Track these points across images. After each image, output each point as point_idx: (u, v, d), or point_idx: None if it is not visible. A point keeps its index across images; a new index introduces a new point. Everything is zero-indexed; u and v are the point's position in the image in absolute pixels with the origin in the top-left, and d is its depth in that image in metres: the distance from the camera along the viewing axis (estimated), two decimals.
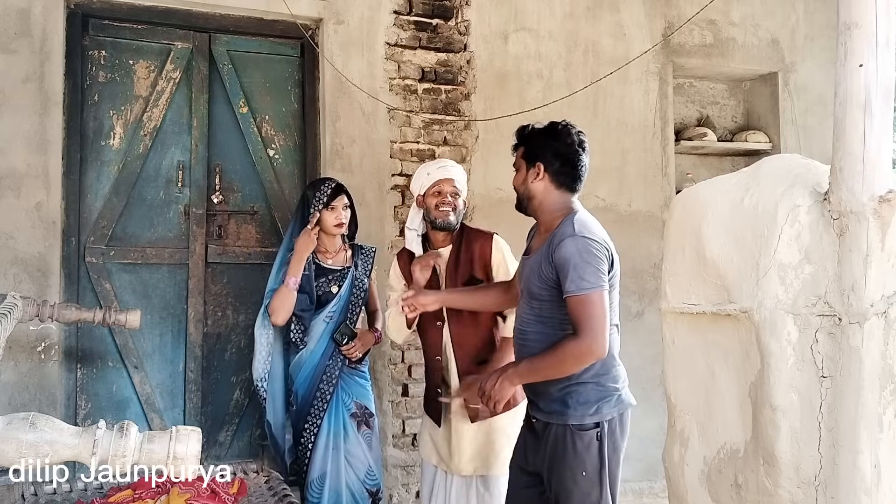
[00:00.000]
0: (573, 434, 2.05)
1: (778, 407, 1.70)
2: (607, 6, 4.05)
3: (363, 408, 2.83)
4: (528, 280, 2.14)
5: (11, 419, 1.16)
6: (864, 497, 1.60)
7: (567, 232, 2.04)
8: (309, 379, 2.79)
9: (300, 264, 2.73)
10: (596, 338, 1.97)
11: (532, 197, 2.19)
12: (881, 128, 1.63)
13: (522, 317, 2.19)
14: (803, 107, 4.39)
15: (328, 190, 2.79)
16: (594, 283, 1.99)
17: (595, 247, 2.04)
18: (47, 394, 3.05)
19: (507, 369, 2.11)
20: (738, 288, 1.81)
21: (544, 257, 2.08)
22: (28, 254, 3.03)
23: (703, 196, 1.99)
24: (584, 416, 2.06)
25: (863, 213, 1.62)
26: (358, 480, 2.78)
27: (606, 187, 3.99)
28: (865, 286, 1.61)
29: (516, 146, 2.25)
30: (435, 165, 2.70)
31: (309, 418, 2.76)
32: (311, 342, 2.79)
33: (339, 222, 2.80)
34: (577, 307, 1.99)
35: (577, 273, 1.98)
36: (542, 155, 2.16)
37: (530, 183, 2.17)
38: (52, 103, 3.09)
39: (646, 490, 3.96)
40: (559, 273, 2.01)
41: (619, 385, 2.15)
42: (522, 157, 2.21)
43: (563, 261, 2.00)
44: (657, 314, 2.23)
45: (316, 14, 3.51)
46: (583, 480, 2.05)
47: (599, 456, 2.06)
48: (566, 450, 2.06)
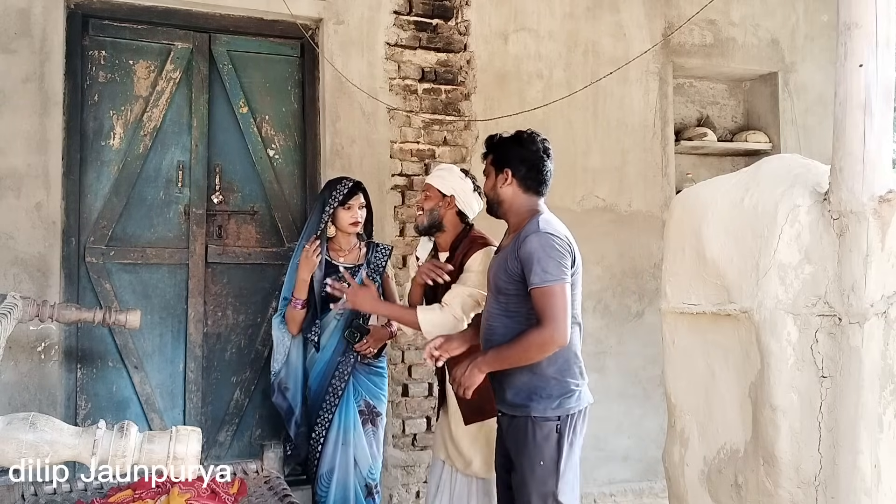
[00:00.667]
0: (534, 425, 2.17)
1: (778, 407, 1.70)
2: (607, 6, 4.05)
3: (371, 407, 2.87)
4: (496, 276, 2.26)
5: (11, 419, 1.16)
6: (864, 497, 1.60)
7: (532, 229, 2.18)
8: (321, 375, 2.85)
9: (303, 285, 2.78)
10: (558, 327, 2.08)
11: (502, 201, 2.34)
12: (881, 128, 1.63)
13: (490, 311, 2.30)
14: (803, 107, 4.39)
15: (344, 189, 2.82)
16: (557, 276, 2.10)
17: (558, 243, 2.15)
18: (47, 394, 3.05)
19: (477, 358, 2.20)
20: (738, 288, 1.81)
21: (510, 253, 2.20)
22: (28, 254, 3.03)
23: (703, 196, 1.99)
24: (546, 410, 2.17)
25: (863, 213, 1.62)
26: (360, 474, 2.83)
27: (606, 187, 3.99)
28: (865, 286, 1.61)
29: (486, 154, 2.41)
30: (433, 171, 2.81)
31: (321, 413, 2.82)
32: (324, 338, 2.84)
33: (354, 221, 2.82)
34: (541, 298, 2.10)
35: (540, 266, 2.10)
36: (510, 161, 2.31)
37: (500, 188, 2.32)
38: (52, 103, 3.09)
39: (646, 490, 3.96)
40: (524, 267, 2.13)
41: (578, 381, 2.24)
42: (491, 163, 2.37)
43: (528, 255, 2.12)
44: (657, 314, 2.24)
45: (316, 14, 3.51)
46: (540, 470, 2.15)
47: (557, 447, 2.16)
48: (526, 440, 2.17)
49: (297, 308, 2.80)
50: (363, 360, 2.86)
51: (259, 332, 3.48)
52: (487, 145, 2.40)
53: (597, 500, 3.84)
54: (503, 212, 2.35)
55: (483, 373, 2.20)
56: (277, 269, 3.51)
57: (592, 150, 3.98)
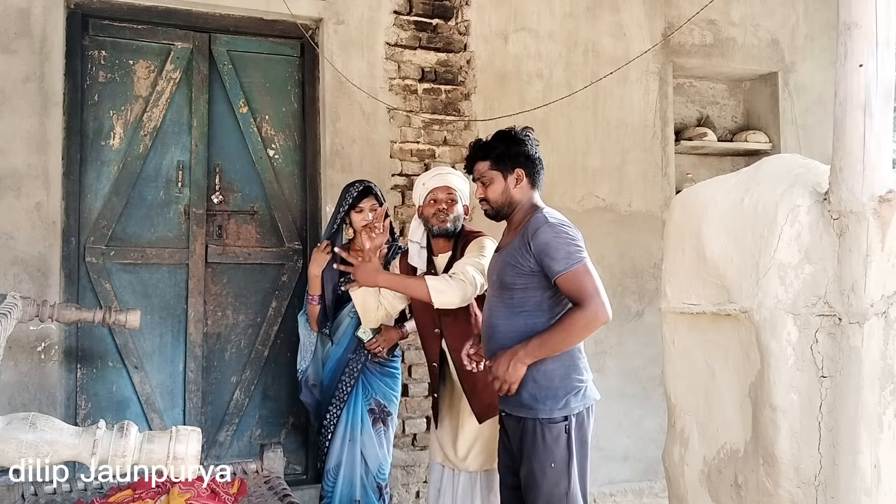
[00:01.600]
0: (543, 427, 2.13)
1: (778, 407, 1.70)
2: (607, 6, 4.05)
3: (382, 406, 2.90)
4: (501, 272, 2.21)
5: (11, 419, 1.16)
6: (864, 497, 1.60)
7: (540, 221, 2.14)
8: (332, 372, 2.90)
9: (315, 281, 2.86)
10: (600, 302, 2.06)
11: (513, 202, 2.27)
12: (881, 128, 1.63)
13: (491, 310, 2.26)
14: (803, 107, 4.39)
15: (354, 192, 2.86)
16: (578, 258, 2.09)
17: (568, 230, 2.15)
18: (47, 394, 3.05)
19: (517, 351, 2.11)
20: (738, 288, 1.81)
21: (518, 249, 2.16)
22: (28, 254, 3.03)
23: (703, 196, 1.99)
24: (553, 411, 2.13)
25: (863, 213, 1.62)
26: (370, 473, 2.85)
27: (606, 187, 3.99)
28: (865, 286, 1.61)
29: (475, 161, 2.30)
30: (430, 174, 2.67)
31: (330, 408, 2.86)
32: (337, 335, 2.90)
33: (366, 223, 2.81)
34: (572, 281, 2.08)
35: (559, 253, 2.08)
36: (518, 160, 2.25)
37: (512, 189, 2.26)
38: (52, 103, 3.09)
39: (646, 490, 3.96)
40: (541, 259, 2.10)
41: (584, 378, 2.21)
42: (494, 168, 2.26)
43: (544, 245, 2.09)
44: (657, 314, 2.24)
45: (316, 14, 3.51)
46: (551, 472, 2.12)
47: (567, 448, 2.13)
48: (535, 443, 2.13)
49: (313, 304, 2.88)
50: (374, 360, 2.88)
51: (259, 332, 3.48)
52: (481, 151, 2.30)
53: (597, 500, 3.84)
54: (512, 212, 2.28)
55: (526, 364, 2.11)
56: (277, 269, 3.52)
57: (592, 150, 3.98)
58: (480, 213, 2.68)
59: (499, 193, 2.27)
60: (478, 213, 3.58)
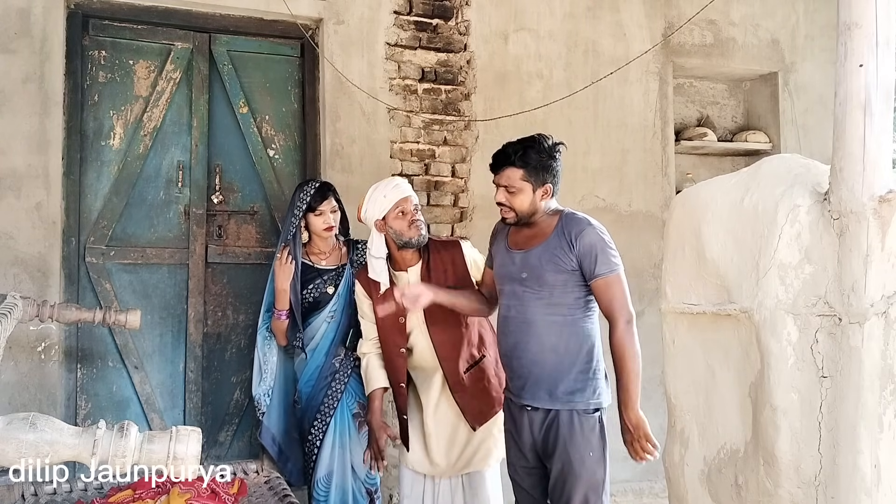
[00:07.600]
0: (580, 418, 2.25)
1: (778, 407, 1.70)
2: (607, 6, 4.05)
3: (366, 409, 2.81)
4: (539, 269, 2.28)
5: (11, 419, 1.16)
6: (864, 497, 1.60)
7: (584, 223, 2.29)
8: (315, 378, 2.80)
9: (283, 296, 2.73)
10: (630, 311, 2.24)
11: (537, 212, 2.35)
12: (881, 128, 1.63)
13: (526, 305, 2.31)
14: (803, 107, 4.39)
15: (309, 193, 2.75)
16: (619, 264, 2.27)
17: (606, 236, 2.30)
18: (47, 394, 3.05)
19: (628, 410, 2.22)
20: (738, 288, 1.81)
21: (559, 248, 2.26)
22: (28, 254, 3.03)
23: (703, 196, 1.99)
24: (589, 402, 2.27)
25: (863, 213, 1.62)
26: (358, 479, 2.79)
27: (606, 187, 3.99)
28: (865, 286, 1.61)
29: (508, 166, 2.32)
30: (388, 186, 2.59)
31: (318, 416, 2.77)
32: (314, 342, 2.81)
33: (327, 226, 2.77)
34: (609, 286, 2.23)
35: (604, 256, 2.24)
36: (550, 175, 2.34)
37: (539, 202, 2.34)
38: (52, 103, 3.09)
39: (646, 490, 3.96)
40: (585, 259, 2.24)
41: (604, 375, 2.34)
42: (525, 179, 2.31)
43: (590, 247, 2.24)
44: (657, 314, 2.24)
45: (316, 14, 3.51)
46: (590, 460, 2.24)
47: (602, 437, 2.28)
48: (573, 433, 2.24)
49: (282, 319, 2.76)
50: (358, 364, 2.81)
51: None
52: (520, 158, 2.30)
53: None
54: (532, 220, 2.36)
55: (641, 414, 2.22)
56: None
57: (592, 150, 3.98)
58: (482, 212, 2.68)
59: (526, 204, 2.33)
60: (479, 211, 3.58)
